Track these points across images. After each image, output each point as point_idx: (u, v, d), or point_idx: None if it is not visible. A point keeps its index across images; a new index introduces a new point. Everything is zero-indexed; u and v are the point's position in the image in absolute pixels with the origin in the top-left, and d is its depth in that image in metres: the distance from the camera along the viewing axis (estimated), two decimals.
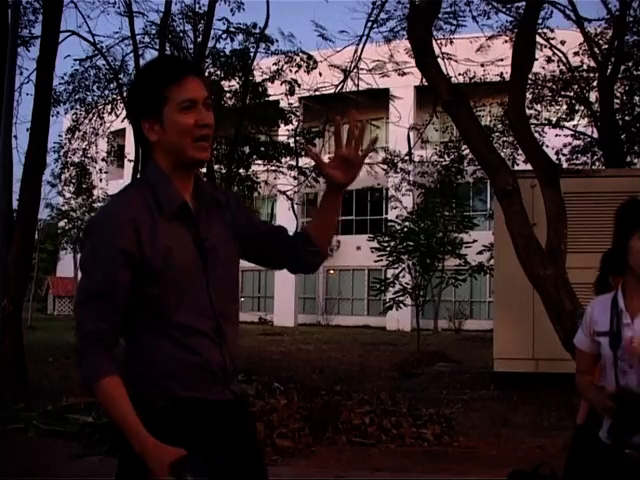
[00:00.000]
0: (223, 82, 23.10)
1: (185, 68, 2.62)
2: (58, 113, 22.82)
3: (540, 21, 16.24)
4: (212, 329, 2.57)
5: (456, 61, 17.42)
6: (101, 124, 24.09)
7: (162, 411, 2.51)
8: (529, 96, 19.48)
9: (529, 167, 11.38)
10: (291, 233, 2.89)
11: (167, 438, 2.43)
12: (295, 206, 25.22)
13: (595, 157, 22.24)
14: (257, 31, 21.86)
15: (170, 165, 2.59)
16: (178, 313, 2.53)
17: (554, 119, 22.53)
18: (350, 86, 18.32)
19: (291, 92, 22.97)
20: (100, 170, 26.13)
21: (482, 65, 20.26)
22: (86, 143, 24.24)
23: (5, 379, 11.47)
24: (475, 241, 22.30)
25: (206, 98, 2.58)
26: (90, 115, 23.81)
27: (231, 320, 2.67)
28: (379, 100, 30.18)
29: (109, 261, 2.48)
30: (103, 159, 26.44)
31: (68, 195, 36.99)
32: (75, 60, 22.30)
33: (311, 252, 2.84)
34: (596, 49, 19.47)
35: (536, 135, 16.68)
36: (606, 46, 19.29)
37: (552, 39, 19.89)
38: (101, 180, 27.67)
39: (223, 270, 2.64)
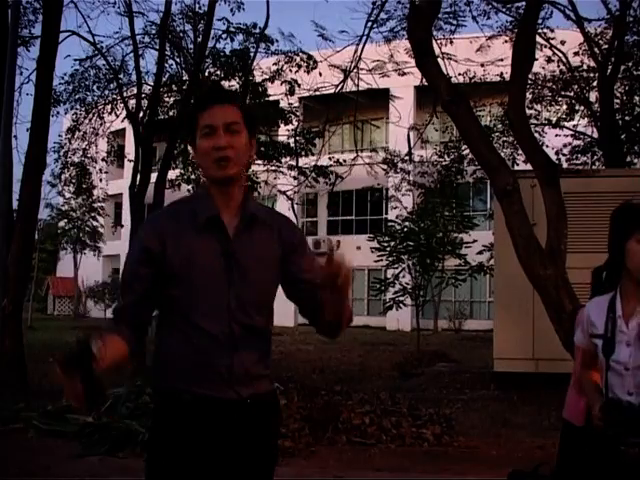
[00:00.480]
0: (223, 82, 23.09)
1: (211, 98, 2.97)
2: (58, 113, 22.83)
3: (540, 21, 16.26)
4: (225, 335, 2.84)
5: (456, 61, 17.41)
6: (101, 124, 24.07)
7: (166, 401, 2.92)
8: (529, 96, 19.49)
9: (529, 167, 11.38)
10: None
11: (170, 427, 2.87)
12: (295, 206, 25.21)
13: (595, 157, 22.24)
14: (257, 31, 21.85)
15: (208, 181, 2.97)
16: (196, 316, 2.83)
17: (554, 119, 22.54)
18: (350, 86, 18.31)
19: (291, 92, 22.96)
20: (100, 170, 26.12)
21: (482, 65, 20.25)
22: (86, 143, 24.22)
23: (5, 379, 11.48)
24: (475, 241, 22.30)
25: (229, 124, 2.86)
26: (90, 115, 23.78)
27: (252, 330, 2.91)
28: (379, 100, 30.19)
29: (137, 258, 2.92)
30: (103, 159, 26.43)
31: (68, 195, 36.93)
32: (75, 60, 22.29)
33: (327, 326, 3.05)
34: (596, 49, 19.47)
35: (536, 135, 16.69)
36: (606, 46, 19.29)
37: (552, 39, 19.89)
38: (101, 180, 27.67)
39: (250, 286, 2.90)
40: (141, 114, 21.04)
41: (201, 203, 2.92)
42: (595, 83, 20.12)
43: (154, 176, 18.35)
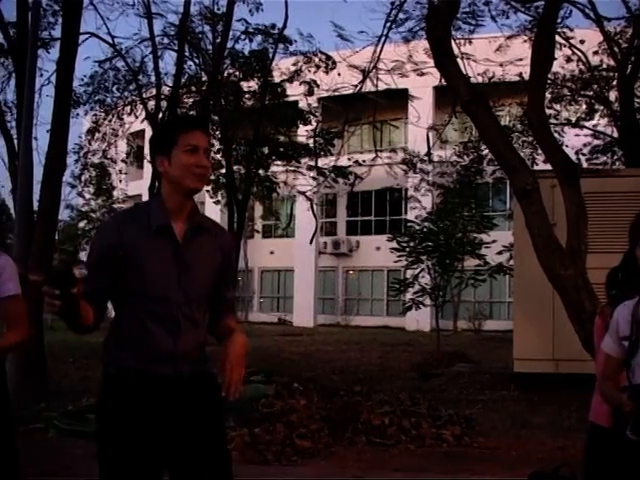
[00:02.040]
0: (242, 83, 23.15)
1: (194, 123, 3.51)
2: (78, 114, 22.95)
3: (559, 20, 16.15)
4: (172, 323, 3.32)
5: (475, 61, 17.37)
6: (120, 125, 24.20)
7: (114, 376, 3.35)
8: (548, 96, 19.42)
9: (549, 167, 11.34)
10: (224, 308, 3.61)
11: (118, 399, 3.31)
12: (314, 206, 25.23)
13: (615, 157, 22.15)
14: (276, 32, 21.93)
15: (170, 192, 3.38)
16: (149, 306, 3.30)
17: (574, 119, 22.46)
18: (369, 86, 18.31)
19: (310, 92, 23.01)
20: (120, 171, 26.27)
21: (501, 65, 20.19)
22: (106, 144, 24.36)
23: (26, 379, 11.53)
24: (494, 241, 22.22)
25: (207, 148, 3.40)
26: (109, 116, 23.91)
27: (192, 317, 3.39)
28: (398, 100, 30.11)
29: (95, 255, 3.35)
30: (122, 160, 26.57)
31: (88, 196, 37.02)
32: (95, 62, 22.45)
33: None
34: (616, 48, 19.38)
35: (556, 135, 16.62)
36: (626, 45, 19.20)
37: (571, 38, 19.82)
38: (121, 181, 27.85)
39: (195, 279, 3.39)
40: (160, 115, 21.12)
41: (155, 211, 3.37)
42: (615, 82, 20.03)
43: None
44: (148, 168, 24.82)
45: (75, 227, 49.25)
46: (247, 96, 23.44)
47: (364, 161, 24.28)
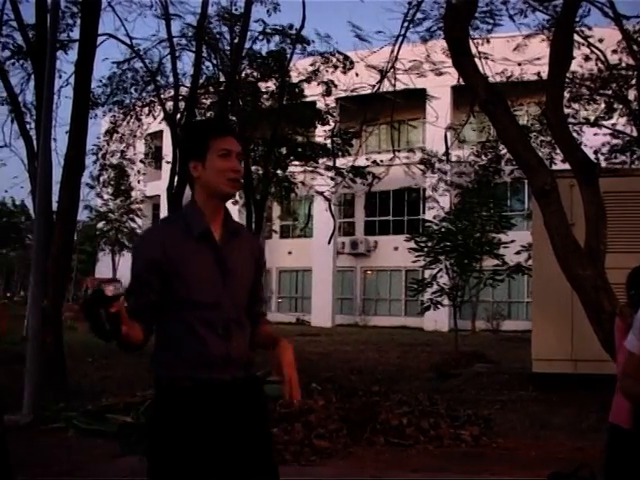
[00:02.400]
0: (260, 83, 23.18)
1: (227, 129, 3.59)
2: (96, 115, 23.07)
3: (578, 19, 16.08)
4: (222, 327, 3.33)
5: (493, 60, 17.30)
6: (139, 126, 24.28)
7: (169, 388, 3.30)
8: (567, 95, 19.33)
9: (567, 167, 11.29)
10: (258, 313, 3.65)
11: (174, 411, 3.26)
12: (332, 207, 25.23)
13: (634, 156, 22.04)
14: (293, 32, 21.93)
15: (205, 197, 3.40)
16: (197, 312, 3.30)
17: (592, 118, 22.35)
18: (387, 86, 18.27)
19: (328, 93, 23.01)
20: (138, 172, 26.35)
21: (519, 64, 20.11)
22: (124, 145, 24.45)
23: (46, 379, 11.58)
24: (513, 241, 22.15)
25: (239, 153, 3.42)
26: (128, 117, 23.98)
27: (240, 321, 3.43)
28: (416, 100, 30.06)
29: (141, 269, 3.33)
30: (141, 161, 26.65)
31: (106, 197, 37.21)
32: (113, 63, 22.53)
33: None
34: (635, 46, 19.27)
35: (574, 134, 16.56)
36: None
37: (590, 37, 19.71)
38: (139, 182, 27.93)
39: (239, 283, 3.43)
40: (178, 116, 21.18)
41: (194, 217, 3.39)
42: (634, 81, 19.92)
43: None
44: (166, 169, 24.88)
45: (94, 228, 49.52)
46: (265, 96, 23.47)
47: (382, 161, 24.25)
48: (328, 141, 23.73)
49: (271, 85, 23.21)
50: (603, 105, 22.25)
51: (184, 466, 3.22)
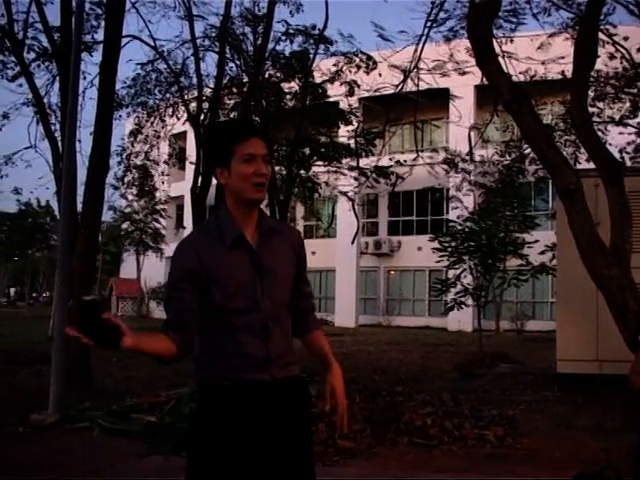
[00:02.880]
0: (283, 84, 23.20)
1: (250, 131, 3.44)
2: (120, 117, 23.19)
3: (602, 17, 15.97)
4: (262, 329, 3.34)
5: (517, 59, 17.24)
6: (162, 127, 24.36)
7: (211, 388, 3.34)
8: (591, 94, 19.21)
9: (592, 166, 11.22)
10: (307, 309, 3.68)
11: (216, 411, 3.29)
12: (356, 207, 25.23)
13: None
14: (316, 32, 21.93)
15: (234, 203, 3.41)
16: (237, 315, 3.31)
17: (617, 117, 22.20)
18: (410, 86, 18.25)
19: (351, 93, 23.00)
20: (162, 172, 26.44)
21: (543, 63, 20.01)
22: (148, 146, 24.55)
23: (71, 379, 11.66)
24: (537, 241, 22.06)
25: (265, 155, 3.37)
26: (152, 118, 24.08)
27: (280, 321, 3.43)
28: (439, 100, 30.02)
29: (177, 277, 3.33)
30: (165, 161, 26.74)
31: (131, 197, 37.48)
32: (137, 64, 22.63)
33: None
34: None
35: (599, 133, 16.43)
36: None
37: (615, 35, 19.57)
38: (163, 182, 28.00)
39: (277, 283, 3.42)
40: (202, 116, 21.23)
41: (226, 224, 3.39)
42: None
43: None
44: (190, 169, 25.00)
45: (118, 228, 49.77)
46: (288, 97, 23.49)
47: (405, 161, 24.22)
48: (351, 141, 23.72)
49: (294, 85, 23.23)
50: (628, 104, 22.08)
51: (223, 465, 3.25)
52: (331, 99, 24.02)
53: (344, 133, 24.90)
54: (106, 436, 9.31)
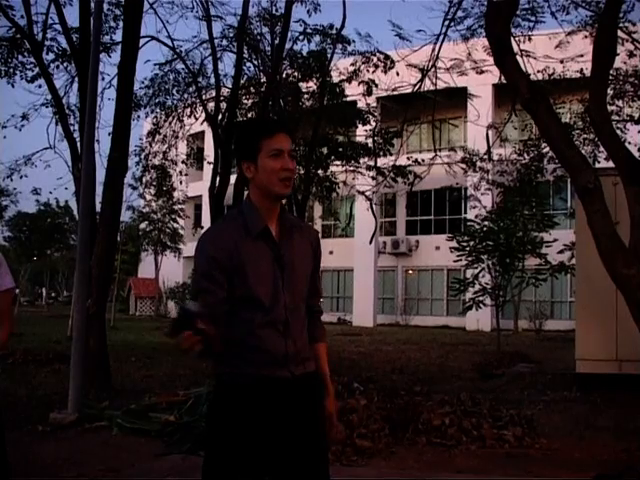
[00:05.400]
0: (301, 83, 23.20)
1: (277, 126, 3.50)
2: (139, 117, 23.22)
3: (621, 15, 15.90)
4: (282, 324, 3.39)
5: (535, 58, 17.17)
6: (181, 127, 24.40)
7: (229, 383, 3.38)
8: (610, 92, 19.12)
9: (611, 165, 11.17)
10: (315, 309, 3.74)
11: (234, 405, 3.33)
12: (374, 206, 25.20)
13: None
14: (334, 32, 21.91)
15: (259, 197, 3.45)
16: (256, 309, 3.35)
17: (636, 115, 22.08)
18: (428, 85, 18.20)
19: (369, 92, 22.95)
20: (180, 172, 26.46)
21: (562, 61, 19.93)
22: (166, 146, 24.58)
23: (90, 378, 11.71)
24: (556, 240, 22.01)
25: (291, 150, 3.45)
26: (170, 118, 24.13)
27: (299, 316, 3.50)
28: (457, 99, 29.97)
29: (208, 267, 3.35)
30: (183, 161, 26.76)
31: (149, 197, 37.58)
32: (155, 65, 22.67)
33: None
34: None
35: (618, 132, 16.35)
36: None
37: (634, 33, 19.46)
38: (181, 182, 28.03)
39: (297, 278, 3.48)
40: (220, 116, 21.26)
41: (251, 217, 3.42)
42: None
43: (233, 177, 18.49)
44: (208, 169, 24.99)
45: (137, 228, 49.89)
46: (306, 96, 23.49)
47: (423, 160, 24.15)
48: (369, 141, 23.70)
49: (312, 85, 23.21)
50: None
51: (240, 460, 3.29)
52: (349, 98, 23.99)
53: (362, 133, 24.87)
54: (124, 435, 9.34)
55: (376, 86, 22.55)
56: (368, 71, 22.55)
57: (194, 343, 2.97)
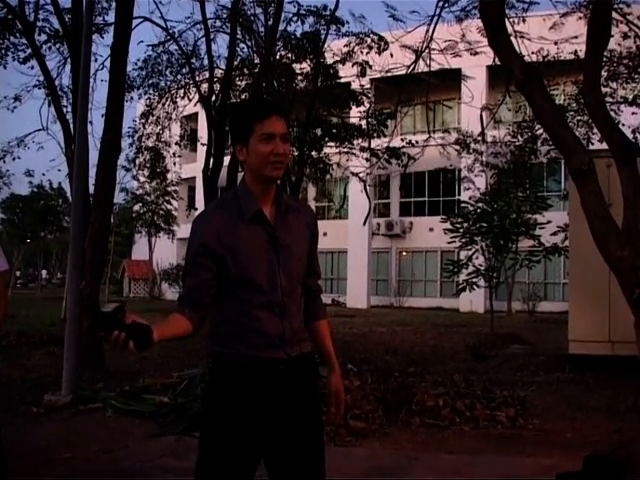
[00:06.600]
0: (294, 65, 23.13)
1: (270, 109, 3.46)
2: (132, 98, 23.10)
3: None
4: (278, 305, 3.39)
5: (529, 39, 17.14)
6: (174, 108, 24.31)
7: (225, 364, 3.38)
8: (604, 74, 19.09)
9: (604, 146, 11.17)
10: (314, 289, 3.72)
11: (229, 386, 3.34)
12: (367, 188, 25.19)
13: None
14: (328, 13, 21.84)
15: (252, 180, 3.45)
16: (253, 291, 3.36)
17: (630, 97, 22.07)
18: (422, 67, 18.17)
19: (362, 74, 22.89)
20: (173, 154, 26.40)
21: (556, 43, 19.91)
22: (159, 127, 24.50)
23: (84, 360, 11.72)
24: (549, 222, 22.03)
25: (284, 134, 3.41)
26: (163, 100, 24.05)
27: (295, 298, 3.48)
28: (451, 80, 29.96)
29: (195, 253, 3.38)
30: (176, 143, 26.71)
31: (142, 179, 37.51)
32: (148, 46, 22.55)
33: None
34: None
35: (612, 114, 16.36)
36: None
37: (629, 14, 19.40)
38: (175, 164, 27.96)
39: (293, 260, 3.47)
40: (213, 98, 21.20)
41: (245, 200, 3.43)
42: None
43: (227, 159, 18.46)
44: (201, 151, 24.94)
45: (130, 210, 49.87)
46: (299, 78, 23.42)
47: (417, 142, 24.14)
48: (363, 122, 23.66)
49: (306, 67, 23.14)
50: None
51: (235, 440, 3.30)
52: (343, 80, 23.92)
53: (356, 114, 24.81)
54: (119, 417, 9.37)
55: (370, 67, 22.49)
56: (362, 52, 22.48)
57: (123, 341, 2.96)
